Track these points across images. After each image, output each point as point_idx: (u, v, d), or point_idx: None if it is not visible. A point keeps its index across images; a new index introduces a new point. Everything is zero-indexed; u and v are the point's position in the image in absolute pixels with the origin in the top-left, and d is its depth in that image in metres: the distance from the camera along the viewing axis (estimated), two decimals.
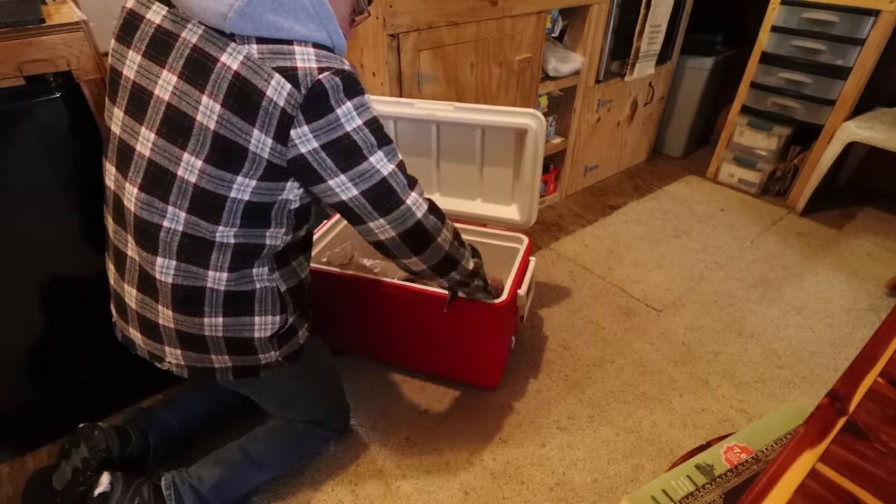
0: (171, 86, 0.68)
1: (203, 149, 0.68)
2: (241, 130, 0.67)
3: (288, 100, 0.66)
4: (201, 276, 0.76)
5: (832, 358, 1.41)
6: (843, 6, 1.76)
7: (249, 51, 0.66)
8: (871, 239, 1.91)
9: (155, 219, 0.73)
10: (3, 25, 0.81)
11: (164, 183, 0.71)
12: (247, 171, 0.70)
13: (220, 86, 0.66)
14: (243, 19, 0.64)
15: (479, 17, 1.39)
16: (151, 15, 0.71)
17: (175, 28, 0.69)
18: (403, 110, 1.23)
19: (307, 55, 0.67)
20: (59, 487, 0.96)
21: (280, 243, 0.81)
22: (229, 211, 0.72)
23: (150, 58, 0.70)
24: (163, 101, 0.69)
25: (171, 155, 0.70)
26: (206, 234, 0.73)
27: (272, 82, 0.65)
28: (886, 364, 0.55)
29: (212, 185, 0.70)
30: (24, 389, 1.09)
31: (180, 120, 0.68)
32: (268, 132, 0.68)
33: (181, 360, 0.83)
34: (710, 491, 0.74)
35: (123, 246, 0.80)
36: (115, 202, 0.79)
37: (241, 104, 0.66)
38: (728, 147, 2.22)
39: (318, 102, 0.67)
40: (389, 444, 1.18)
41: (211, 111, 0.67)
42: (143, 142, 0.72)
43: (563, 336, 1.48)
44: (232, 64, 0.66)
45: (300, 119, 0.67)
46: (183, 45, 0.68)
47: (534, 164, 1.21)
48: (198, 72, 0.67)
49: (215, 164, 0.69)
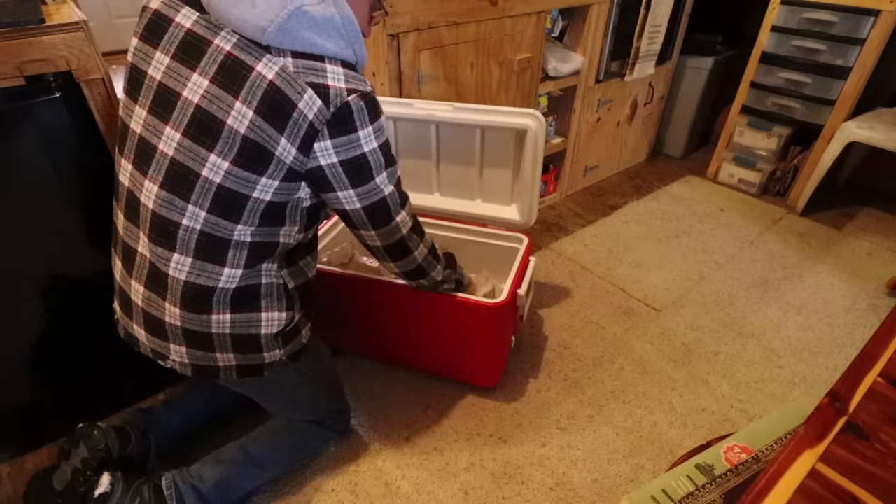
0: (202, 89, 0.71)
1: (231, 151, 0.71)
2: (270, 137, 0.71)
3: (317, 115, 0.71)
4: (216, 274, 0.78)
5: (832, 358, 1.41)
6: (843, 6, 1.76)
7: (285, 63, 0.70)
8: (871, 239, 1.92)
9: (174, 216, 0.75)
10: (3, 25, 0.81)
11: (186, 182, 0.73)
12: (271, 174, 0.73)
13: (254, 93, 0.69)
14: (281, 34, 0.68)
15: (479, 17, 1.39)
16: (181, 18, 0.73)
17: (207, 34, 0.71)
18: (403, 110, 1.23)
19: (337, 74, 0.72)
20: (60, 488, 0.96)
21: (293, 241, 0.84)
22: (250, 210, 0.75)
23: (179, 60, 0.72)
24: (191, 103, 0.71)
25: (196, 155, 0.72)
26: (225, 232, 0.76)
27: (305, 96, 0.70)
28: (886, 364, 0.55)
29: (236, 185, 0.73)
30: (24, 389, 1.09)
31: (209, 122, 0.71)
32: (294, 142, 0.72)
33: (185, 358, 0.84)
34: (710, 491, 0.74)
35: (134, 242, 0.81)
36: (129, 198, 0.80)
37: (274, 112, 0.70)
38: (728, 147, 2.22)
39: (344, 122, 0.73)
40: (389, 444, 1.19)
41: (243, 116, 0.70)
42: (167, 141, 0.73)
43: (563, 336, 1.49)
44: (268, 74, 0.69)
45: (325, 133, 0.72)
46: (216, 51, 0.70)
47: (534, 165, 1.21)
48: (232, 78, 0.70)
49: (242, 166, 0.72)
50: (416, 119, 1.24)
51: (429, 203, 1.40)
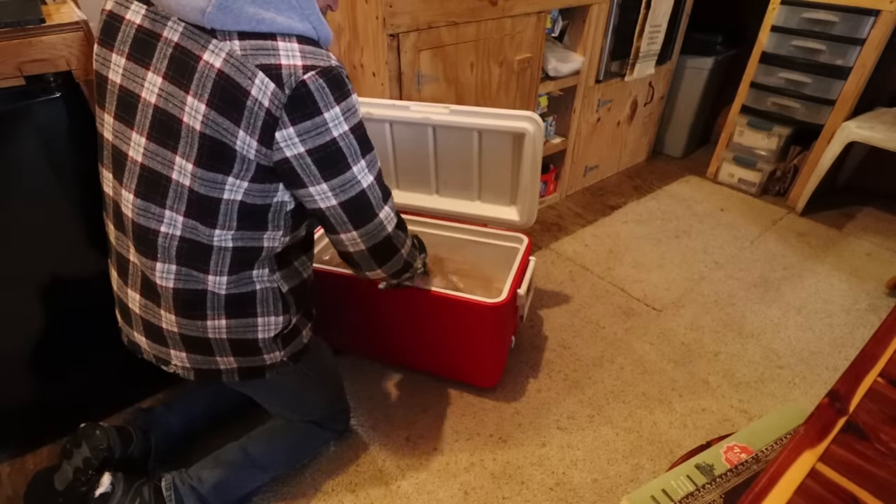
0: (157, 87, 0.67)
1: (192, 151, 0.67)
2: (227, 130, 0.65)
3: (272, 100, 0.64)
4: (202, 280, 0.76)
5: (832, 358, 1.41)
6: (843, 6, 1.76)
7: (232, 47, 0.63)
8: (871, 239, 1.92)
9: (152, 224, 0.72)
10: (3, 25, 0.81)
11: (159, 188, 0.70)
12: (237, 172, 0.68)
13: (204, 85, 0.64)
14: (222, 13, 0.62)
15: (479, 17, 1.39)
16: (131, 15, 0.69)
17: (155, 27, 0.67)
18: (399, 114, 1.22)
19: (291, 51, 0.65)
20: (61, 488, 0.96)
21: (278, 245, 0.81)
22: (224, 213, 0.71)
23: (134, 60, 0.68)
24: (150, 104, 0.68)
25: (163, 159, 0.69)
26: (205, 238, 0.73)
27: (256, 81, 0.63)
28: (886, 364, 0.55)
29: (204, 189, 0.69)
30: (25, 389, 1.09)
31: (168, 122, 0.67)
32: (253, 133, 0.66)
33: (187, 362, 0.83)
34: (710, 491, 0.74)
35: (125, 251, 0.80)
36: (115, 208, 0.79)
37: (227, 103, 0.64)
38: (728, 147, 2.22)
39: (304, 104, 0.65)
40: (389, 444, 1.19)
41: (196, 111, 0.65)
42: (134, 147, 0.70)
43: (563, 336, 1.49)
44: (215, 62, 0.63)
45: (285, 120, 0.65)
46: (165, 44, 0.66)
47: (532, 167, 1.21)
48: (181, 71, 0.65)
49: (205, 167, 0.68)
50: (413, 122, 1.23)
51: (427, 204, 1.40)
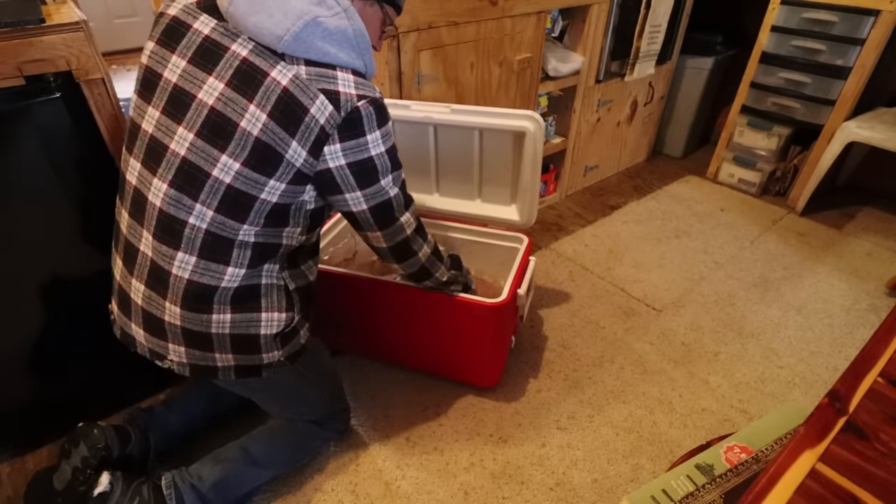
0: (218, 92, 0.74)
1: (243, 152, 0.74)
2: (282, 140, 0.74)
3: (328, 119, 0.74)
4: (219, 273, 0.79)
5: (832, 358, 1.41)
6: (843, 6, 1.76)
7: (298, 71, 0.73)
8: (871, 239, 1.91)
9: (182, 215, 0.76)
10: (3, 25, 0.81)
11: (196, 181, 0.75)
12: (279, 176, 0.76)
13: (268, 98, 0.73)
14: (296, 43, 0.72)
15: (479, 17, 1.39)
16: (199, 25, 0.76)
17: (224, 40, 0.75)
18: (400, 113, 1.23)
19: (348, 81, 0.76)
20: (60, 488, 0.96)
21: (295, 242, 0.86)
22: (257, 211, 0.78)
23: (196, 64, 0.75)
24: (206, 105, 0.74)
25: (208, 155, 0.75)
26: (230, 232, 0.78)
27: (317, 102, 0.73)
28: (886, 364, 0.55)
29: (245, 186, 0.76)
30: (24, 389, 1.09)
31: (223, 124, 0.74)
32: (304, 145, 0.75)
33: (184, 357, 0.84)
34: (710, 491, 0.74)
35: (136, 241, 0.81)
36: (135, 197, 0.80)
37: (286, 117, 0.73)
38: (728, 147, 2.22)
39: (354, 126, 0.77)
40: (389, 444, 1.19)
41: (257, 119, 0.73)
42: (179, 141, 0.75)
43: (563, 336, 1.49)
44: (282, 80, 0.73)
45: (335, 137, 0.76)
46: (233, 56, 0.74)
47: (533, 166, 1.21)
48: (247, 82, 0.73)
49: (252, 168, 0.75)
50: (414, 121, 1.24)
51: (428, 203, 1.40)
